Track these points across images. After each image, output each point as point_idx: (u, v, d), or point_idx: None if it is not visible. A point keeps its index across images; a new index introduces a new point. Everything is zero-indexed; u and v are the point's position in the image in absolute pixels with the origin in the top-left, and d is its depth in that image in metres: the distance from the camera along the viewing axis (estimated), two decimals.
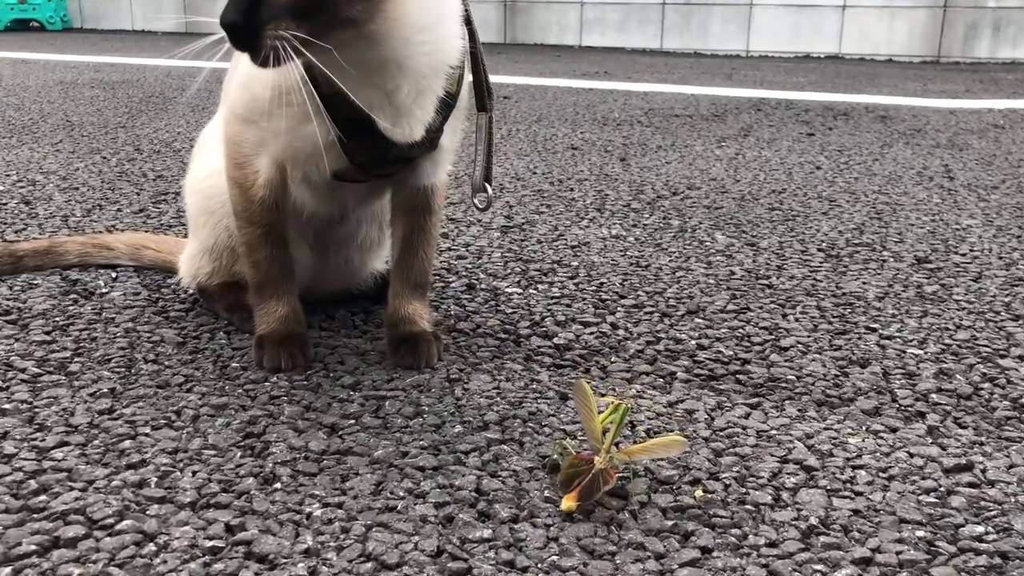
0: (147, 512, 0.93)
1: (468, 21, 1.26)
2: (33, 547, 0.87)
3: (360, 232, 1.50)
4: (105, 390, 1.21)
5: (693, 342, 1.44)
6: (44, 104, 3.99)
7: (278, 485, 0.99)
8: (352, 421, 1.14)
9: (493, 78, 1.33)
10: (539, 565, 0.86)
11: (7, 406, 1.16)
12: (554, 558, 0.87)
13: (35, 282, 1.65)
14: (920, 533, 0.92)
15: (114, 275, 1.71)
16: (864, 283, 1.73)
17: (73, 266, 1.73)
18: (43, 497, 0.95)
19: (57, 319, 1.47)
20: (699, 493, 0.99)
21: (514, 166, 2.83)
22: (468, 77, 1.31)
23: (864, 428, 1.15)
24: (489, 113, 1.32)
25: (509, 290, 1.68)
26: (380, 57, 1.14)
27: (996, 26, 6.90)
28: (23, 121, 3.51)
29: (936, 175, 2.73)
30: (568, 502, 0.93)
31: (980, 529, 0.93)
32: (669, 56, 7.29)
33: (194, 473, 1.01)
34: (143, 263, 1.75)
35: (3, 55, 6.48)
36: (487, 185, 1.36)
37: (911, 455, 1.08)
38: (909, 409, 1.21)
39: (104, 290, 1.63)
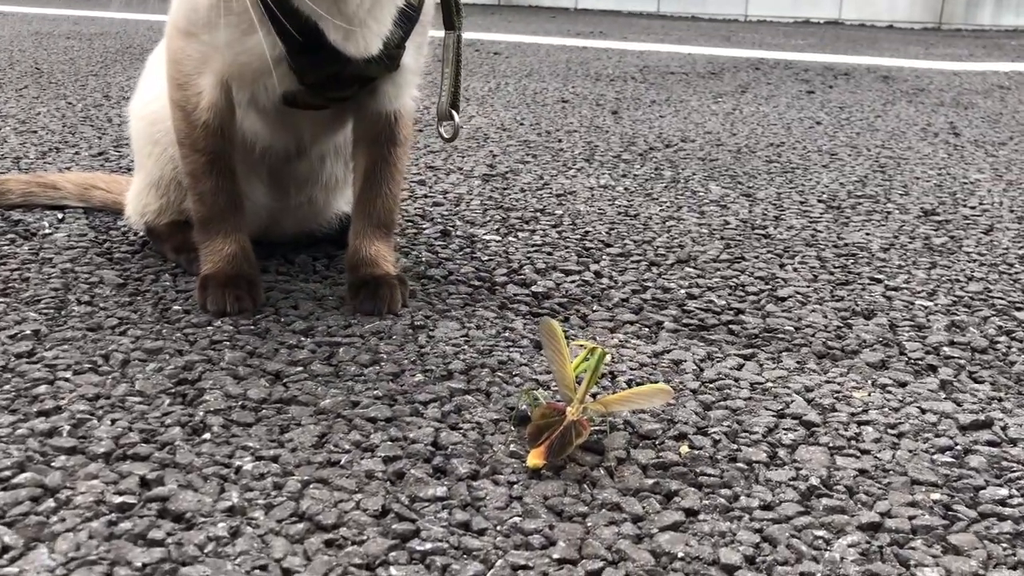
0: (52, 464, 0.81)
1: None
2: None
3: (324, 170, 1.37)
4: (28, 332, 1.09)
5: (682, 291, 1.32)
6: (14, 53, 3.83)
7: (207, 436, 0.87)
8: (300, 368, 1.02)
9: (484, 37, 1.19)
10: (498, 527, 0.75)
11: None
12: (516, 519, 0.76)
13: None
14: (936, 496, 0.81)
15: (61, 216, 1.58)
16: (868, 234, 1.61)
17: (16, 206, 1.60)
18: None
19: None
20: (685, 449, 0.87)
21: (500, 117, 2.70)
22: None
23: (870, 382, 1.04)
24: (458, 32, 1.19)
25: (487, 237, 1.56)
26: None
27: None
28: None
29: (941, 131, 2.60)
30: (534, 459, 0.82)
31: (1003, 492, 0.81)
32: (666, 19, 7.12)
33: (113, 421, 0.89)
34: (92, 204, 1.62)
35: None
36: (454, 112, 1.24)
37: (923, 411, 0.97)
38: (919, 362, 1.10)
39: (47, 231, 1.50)
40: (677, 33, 5.76)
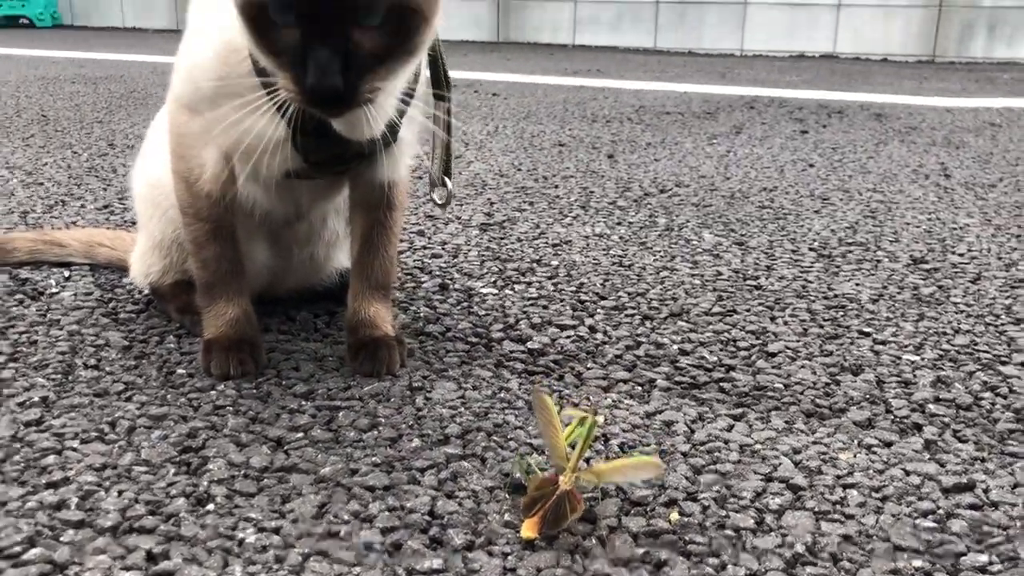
0: (61, 539, 0.84)
1: None
2: None
3: (325, 228, 1.41)
4: (36, 399, 1.12)
5: (675, 347, 1.35)
6: (21, 99, 3.89)
7: (211, 507, 0.90)
8: (300, 434, 1.05)
9: (484, 76, 1.23)
10: None
11: None
12: None
13: None
14: (917, 563, 0.83)
15: (67, 274, 1.61)
16: (857, 284, 1.64)
17: (23, 264, 1.64)
18: None
19: None
20: (675, 516, 0.90)
21: (498, 162, 2.74)
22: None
23: (856, 442, 1.07)
24: (447, 103, 1.23)
25: (484, 290, 1.59)
26: None
27: (991, 25, 6.83)
28: None
29: (932, 173, 2.64)
30: (528, 530, 0.84)
31: (983, 558, 0.84)
32: (663, 55, 7.21)
33: (120, 493, 0.91)
34: (98, 261, 1.65)
35: None
36: (446, 179, 1.27)
37: (907, 473, 0.99)
38: (905, 421, 1.12)
39: (54, 290, 1.53)
40: (673, 69, 5.83)
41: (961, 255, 1.83)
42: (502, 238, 1.93)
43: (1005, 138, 3.25)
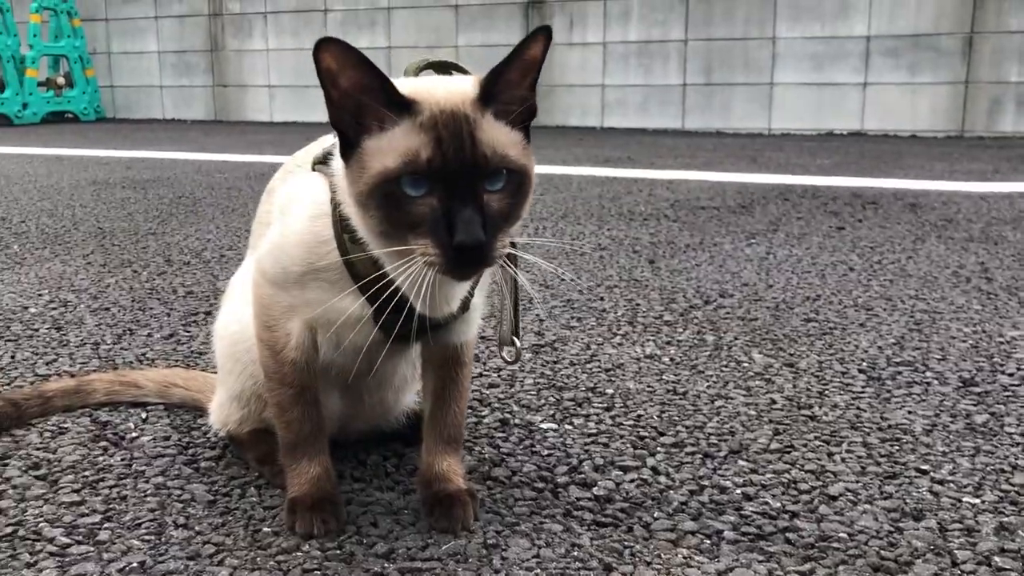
0: None
1: None
2: None
3: (395, 375, 1.48)
4: (135, 564, 1.18)
5: (738, 490, 1.39)
6: (76, 209, 4.05)
7: None
8: None
9: None
10: None
11: None
12: None
13: (65, 426, 1.63)
14: None
15: (144, 415, 1.69)
16: (910, 412, 1.67)
17: (102, 405, 1.72)
18: None
19: (87, 473, 1.45)
20: None
21: (542, 271, 2.81)
22: None
23: None
24: (514, 272, 1.30)
25: (544, 426, 1.64)
26: None
27: (1020, 100, 6.90)
28: (56, 229, 3.55)
29: (973, 275, 2.68)
30: None
31: None
32: (691, 136, 7.33)
33: None
34: (172, 401, 1.73)
35: (39, 151, 6.64)
36: (515, 339, 1.34)
37: None
38: None
39: (134, 434, 1.60)
40: (703, 154, 5.93)
41: (1011, 375, 1.86)
42: (555, 362, 1.98)
43: None
